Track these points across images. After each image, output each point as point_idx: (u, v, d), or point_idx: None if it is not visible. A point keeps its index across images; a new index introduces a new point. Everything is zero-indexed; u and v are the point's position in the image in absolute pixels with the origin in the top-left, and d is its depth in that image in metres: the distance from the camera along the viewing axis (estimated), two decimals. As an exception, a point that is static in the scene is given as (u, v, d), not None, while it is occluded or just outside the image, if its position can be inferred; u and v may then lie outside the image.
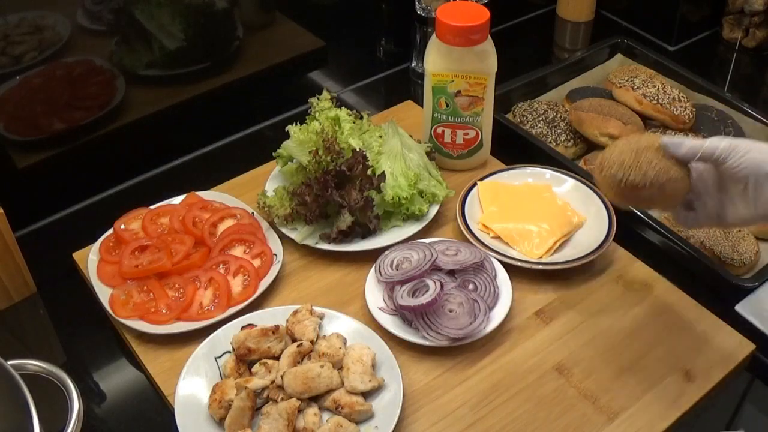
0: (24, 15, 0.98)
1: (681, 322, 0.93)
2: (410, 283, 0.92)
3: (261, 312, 0.92)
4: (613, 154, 0.80)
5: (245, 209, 1.05)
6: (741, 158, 0.75)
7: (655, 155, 0.78)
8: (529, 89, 1.29)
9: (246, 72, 1.24)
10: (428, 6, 1.27)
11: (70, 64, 1.05)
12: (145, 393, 0.89)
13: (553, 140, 1.19)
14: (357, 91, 1.38)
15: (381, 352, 0.86)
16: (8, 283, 0.96)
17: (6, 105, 1.02)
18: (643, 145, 0.79)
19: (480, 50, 1.04)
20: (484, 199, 1.07)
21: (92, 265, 0.97)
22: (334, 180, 0.98)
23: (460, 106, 1.08)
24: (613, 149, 0.81)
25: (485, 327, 0.90)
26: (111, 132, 1.13)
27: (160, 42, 1.12)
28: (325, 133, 1.01)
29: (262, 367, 0.84)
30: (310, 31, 1.30)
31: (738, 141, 0.76)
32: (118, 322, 0.92)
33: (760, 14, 1.41)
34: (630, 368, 0.88)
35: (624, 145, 0.81)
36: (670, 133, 1.19)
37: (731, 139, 0.77)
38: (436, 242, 0.98)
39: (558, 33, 1.56)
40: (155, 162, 1.20)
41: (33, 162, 1.09)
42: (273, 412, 0.79)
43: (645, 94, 1.20)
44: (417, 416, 0.84)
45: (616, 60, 1.37)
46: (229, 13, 1.18)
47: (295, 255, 1.02)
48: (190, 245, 0.99)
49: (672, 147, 0.79)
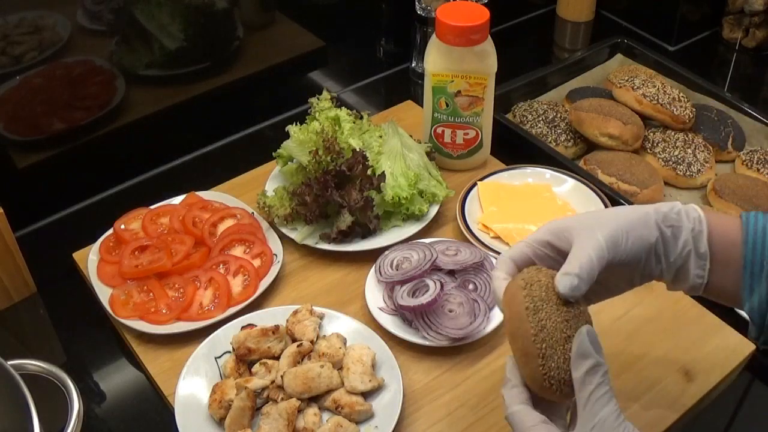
0: (24, 15, 0.98)
1: (681, 322, 0.93)
2: (410, 283, 0.92)
3: (261, 312, 0.92)
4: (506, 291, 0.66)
5: (245, 209, 1.05)
6: (625, 248, 0.66)
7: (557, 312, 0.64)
8: (529, 89, 1.29)
9: (246, 72, 1.24)
10: (428, 6, 1.27)
11: (70, 64, 1.05)
12: (145, 393, 0.89)
13: (553, 140, 1.19)
14: (357, 91, 1.38)
15: (381, 352, 0.86)
16: (8, 283, 0.96)
17: (6, 105, 1.02)
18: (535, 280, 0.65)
19: (480, 50, 1.04)
20: (484, 199, 1.07)
21: (92, 265, 0.97)
22: (334, 180, 0.98)
23: (460, 106, 1.08)
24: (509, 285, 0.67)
25: (485, 327, 0.90)
26: (111, 132, 1.13)
27: (160, 42, 1.12)
28: (325, 133, 1.01)
29: (262, 367, 0.84)
30: (310, 31, 1.30)
31: (614, 229, 0.66)
32: (118, 322, 0.92)
33: (760, 14, 1.41)
34: (630, 368, 0.88)
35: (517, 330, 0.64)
36: (670, 133, 1.19)
37: (605, 228, 0.66)
38: (436, 242, 0.98)
39: (558, 33, 1.56)
40: (155, 162, 1.20)
41: (33, 162, 1.09)
42: (273, 412, 0.79)
43: (645, 94, 1.20)
44: (417, 416, 0.84)
45: (616, 60, 1.37)
46: (229, 13, 1.18)
47: (295, 255, 1.02)
48: (190, 245, 0.99)
49: (571, 293, 0.63)
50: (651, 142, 1.18)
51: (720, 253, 0.70)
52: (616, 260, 0.66)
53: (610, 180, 1.11)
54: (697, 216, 0.70)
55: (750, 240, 0.68)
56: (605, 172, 1.12)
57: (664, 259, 0.70)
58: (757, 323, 0.70)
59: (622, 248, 0.67)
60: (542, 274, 0.66)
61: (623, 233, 0.67)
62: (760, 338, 0.71)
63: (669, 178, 1.15)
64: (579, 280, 0.63)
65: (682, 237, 0.69)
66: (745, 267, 0.69)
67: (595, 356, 0.60)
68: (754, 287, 0.68)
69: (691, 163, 1.15)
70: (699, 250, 0.69)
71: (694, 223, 0.70)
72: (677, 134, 1.19)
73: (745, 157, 1.18)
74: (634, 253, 0.67)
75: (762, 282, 0.68)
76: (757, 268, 0.68)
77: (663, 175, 1.15)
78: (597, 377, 0.59)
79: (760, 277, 0.68)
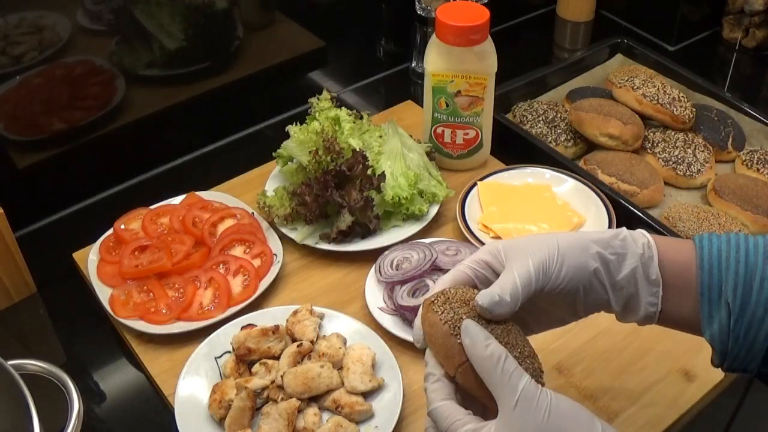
0: (24, 15, 0.98)
1: (681, 322, 0.93)
2: (410, 283, 0.92)
3: (261, 312, 0.92)
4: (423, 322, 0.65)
5: (245, 209, 1.05)
6: (558, 276, 0.64)
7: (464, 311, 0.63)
8: (529, 89, 1.29)
9: (246, 72, 1.24)
10: (428, 6, 1.27)
11: (70, 64, 1.05)
12: (145, 393, 0.89)
13: (553, 140, 1.19)
14: (357, 91, 1.38)
15: (381, 352, 0.86)
16: (8, 283, 0.96)
17: (6, 105, 1.02)
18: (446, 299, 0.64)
19: (480, 50, 1.04)
20: (484, 199, 1.07)
21: (92, 265, 0.97)
22: (334, 180, 0.98)
23: (460, 106, 1.08)
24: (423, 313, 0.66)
25: (485, 327, 0.89)
26: (111, 132, 1.13)
27: (160, 42, 1.12)
28: (325, 133, 1.01)
29: (262, 367, 0.84)
30: (310, 31, 1.30)
31: (546, 256, 0.64)
32: (118, 322, 0.92)
33: (760, 14, 1.41)
34: (630, 368, 0.88)
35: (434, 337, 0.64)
36: (670, 133, 1.19)
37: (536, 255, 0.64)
38: (436, 242, 0.98)
39: (558, 33, 1.56)
40: (155, 162, 1.20)
41: (33, 162, 1.09)
42: (273, 412, 0.79)
43: (645, 94, 1.20)
44: (417, 416, 0.84)
45: (616, 60, 1.37)
46: (229, 13, 1.18)
47: (295, 255, 1.02)
48: (190, 245, 0.99)
49: (493, 310, 0.62)
50: (651, 142, 1.18)
51: (673, 278, 0.66)
52: (548, 287, 0.64)
53: (610, 180, 1.11)
54: (646, 241, 0.67)
55: (705, 265, 0.64)
56: (605, 172, 1.12)
57: (610, 287, 0.66)
58: (719, 350, 0.65)
59: (554, 276, 0.64)
60: (461, 291, 0.65)
61: (556, 261, 0.65)
62: (723, 365, 0.66)
63: (669, 178, 1.15)
64: (500, 298, 0.62)
65: (628, 263, 0.66)
66: (702, 294, 0.64)
67: (490, 339, 0.60)
68: (713, 314, 0.64)
69: (691, 163, 1.15)
70: (650, 276, 0.66)
71: (643, 249, 0.66)
72: (677, 134, 1.19)
73: (745, 157, 1.18)
74: (568, 281, 0.65)
75: (721, 308, 0.64)
76: (714, 294, 0.64)
77: (663, 175, 1.15)
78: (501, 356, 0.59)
79: (718, 303, 0.64)
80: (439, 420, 0.61)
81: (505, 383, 0.58)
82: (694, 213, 1.05)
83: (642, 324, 0.69)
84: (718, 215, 1.06)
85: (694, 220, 1.04)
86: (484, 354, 0.59)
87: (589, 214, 1.05)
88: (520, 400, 0.58)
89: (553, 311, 0.69)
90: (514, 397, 0.58)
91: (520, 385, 0.58)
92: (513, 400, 0.58)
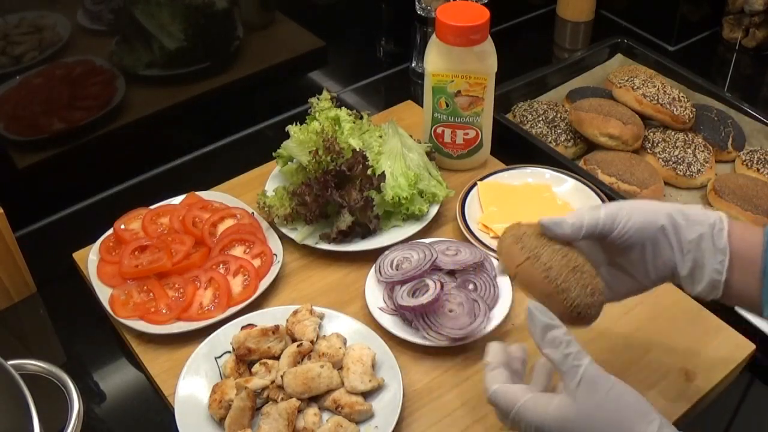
0: (24, 15, 0.98)
1: (681, 322, 0.93)
2: (410, 283, 0.92)
3: (261, 312, 0.92)
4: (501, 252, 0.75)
5: (245, 209, 1.05)
6: (626, 225, 0.70)
7: (537, 241, 0.72)
8: (529, 89, 1.29)
9: (246, 72, 1.24)
10: (428, 6, 1.27)
11: (70, 64, 1.05)
12: (145, 393, 0.89)
13: (553, 140, 1.19)
14: (357, 91, 1.38)
15: (381, 352, 0.86)
16: (8, 283, 0.96)
17: (6, 105, 1.02)
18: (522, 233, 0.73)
19: (480, 50, 1.04)
20: (484, 199, 1.07)
21: (92, 265, 0.97)
22: (334, 180, 0.98)
23: (460, 106, 1.08)
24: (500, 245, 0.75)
25: (485, 327, 0.90)
26: (111, 132, 1.13)
27: (160, 42, 1.12)
28: (325, 133, 1.01)
29: (262, 367, 0.84)
30: (310, 31, 1.30)
31: (618, 207, 0.71)
32: (118, 322, 0.92)
33: (760, 14, 1.41)
34: (630, 368, 0.88)
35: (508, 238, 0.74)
36: (670, 133, 1.19)
37: (610, 205, 0.71)
38: (436, 242, 0.98)
39: (558, 33, 1.56)
40: (155, 162, 1.20)
41: (33, 162, 1.09)
42: (273, 412, 0.79)
43: (645, 94, 1.20)
44: (417, 416, 0.84)
45: (616, 60, 1.37)
46: (229, 13, 1.18)
47: (295, 255, 1.02)
48: (190, 245, 0.99)
49: (553, 228, 0.71)
50: (651, 142, 1.18)
51: (741, 253, 0.69)
52: (616, 233, 0.71)
53: (610, 180, 1.11)
54: (718, 217, 0.71)
55: None
56: (605, 172, 1.12)
57: (677, 247, 0.70)
58: None
59: (622, 223, 0.70)
60: (525, 226, 0.74)
61: (626, 213, 0.71)
62: None
63: (669, 178, 1.15)
64: (562, 220, 0.71)
65: (697, 228, 0.70)
66: (765, 272, 0.68)
67: (552, 322, 0.65)
68: None
69: (691, 163, 1.15)
70: (718, 244, 0.69)
71: (714, 219, 0.70)
72: (677, 134, 1.19)
73: (745, 157, 1.18)
74: (635, 230, 0.70)
75: None
76: None
77: (663, 175, 1.15)
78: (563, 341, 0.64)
79: None
80: (499, 401, 0.67)
81: (569, 364, 0.63)
82: (694, 213, 1.05)
83: (707, 297, 0.72)
84: (718, 215, 1.06)
85: (694, 220, 1.04)
86: (546, 338, 0.65)
87: (589, 214, 1.05)
88: (582, 382, 0.62)
89: (629, 269, 0.74)
90: (576, 377, 0.63)
91: (582, 367, 0.63)
92: (576, 380, 0.63)
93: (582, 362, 0.63)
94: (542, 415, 0.64)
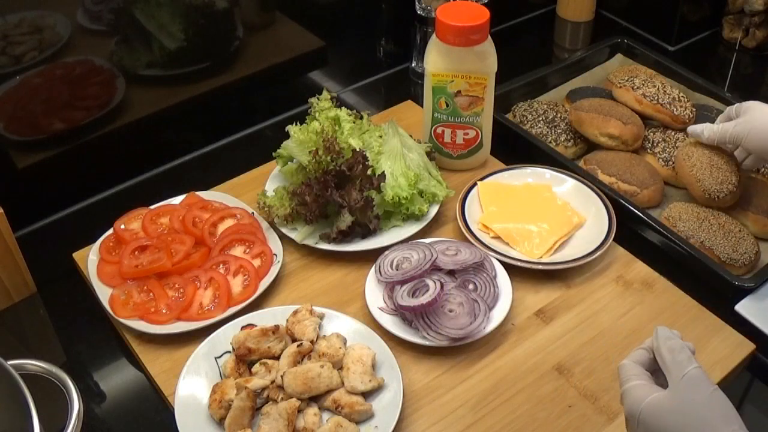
0: (24, 15, 0.98)
1: (681, 322, 0.93)
2: (410, 283, 0.92)
3: (261, 312, 0.92)
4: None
5: (245, 209, 1.05)
6: (749, 143, 0.99)
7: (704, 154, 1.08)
8: (529, 89, 1.29)
9: (246, 72, 1.24)
10: (428, 6, 1.27)
11: (70, 64, 1.05)
12: (145, 393, 0.89)
13: (553, 140, 1.19)
14: (357, 91, 1.38)
15: (381, 352, 0.86)
16: (8, 283, 0.96)
17: (6, 105, 1.02)
18: None
19: (480, 50, 1.04)
20: (484, 199, 1.07)
21: (92, 265, 0.97)
22: (334, 180, 0.98)
23: (460, 106, 1.08)
24: None
25: (485, 327, 0.90)
26: (111, 132, 1.13)
27: (160, 42, 1.12)
28: (325, 133, 1.01)
29: (262, 367, 0.84)
30: (310, 31, 1.30)
31: (740, 128, 0.99)
32: (118, 322, 0.92)
33: (760, 14, 1.41)
34: (630, 368, 0.87)
35: None
36: (670, 133, 1.19)
37: (737, 124, 0.99)
38: (436, 242, 0.98)
39: (558, 33, 1.56)
40: (155, 162, 1.20)
41: (33, 162, 1.09)
42: (273, 412, 0.79)
43: (645, 94, 1.20)
44: (417, 416, 0.84)
45: (616, 60, 1.37)
46: (229, 13, 1.18)
47: (295, 255, 1.02)
48: (190, 245, 0.99)
49: (695, 134, 1.08)
50: (651, 142, 1.18)
51: None
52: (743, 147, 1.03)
53: (610, 180, 1.11)
54: None
55: None
56: (605, 172, 1.12)
57: None
58: None
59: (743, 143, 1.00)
60: None
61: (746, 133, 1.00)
62: None
63: (669, 178, 1.15)
64: (701, 126, 1.07)
65: None
66: None
67: (672, 335, 0.72)
68: None
69: (691, 163, 1.15)
70: None
71: None
72: (677, 134, 1.19)
73: (745, 157, 1.18)
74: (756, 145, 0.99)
75: None
76: None
77: (663, 175, 1.15)
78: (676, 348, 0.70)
79: None
80: (621, 373, 0.72)
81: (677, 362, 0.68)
82: (694, 213, 1.05)
83: None
84: (718, 215, 1.06)
85: (694, 220, 1.04)
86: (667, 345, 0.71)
87: (589, 214, 1.05)
88: (686, 377, 0.67)
89: None
90: (681, 372, 0.67)
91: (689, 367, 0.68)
92: (680, 375, 0.67)
93: (691, 364, 0.68)
94: (641, 399, 0.68)
